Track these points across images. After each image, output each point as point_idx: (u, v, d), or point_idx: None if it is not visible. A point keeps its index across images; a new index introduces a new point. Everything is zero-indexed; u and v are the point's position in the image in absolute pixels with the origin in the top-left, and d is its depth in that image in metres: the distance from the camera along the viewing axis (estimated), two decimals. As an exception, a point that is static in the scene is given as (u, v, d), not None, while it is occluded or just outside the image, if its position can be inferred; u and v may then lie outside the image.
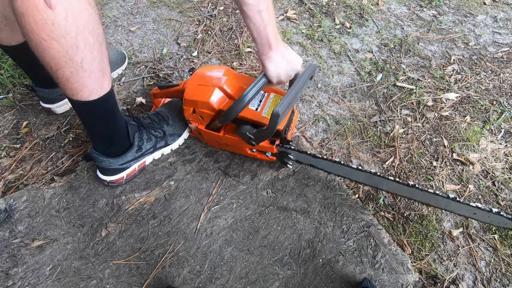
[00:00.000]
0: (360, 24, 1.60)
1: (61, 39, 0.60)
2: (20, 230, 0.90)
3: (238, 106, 0.83)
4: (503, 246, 0.97)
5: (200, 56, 1.43)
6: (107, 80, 0.75)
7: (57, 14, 0.57)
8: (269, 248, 0.90)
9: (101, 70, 0.71)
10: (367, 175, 0.86)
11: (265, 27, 0.78)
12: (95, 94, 0.73)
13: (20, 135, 1.15)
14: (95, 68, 0.69)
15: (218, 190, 1.00)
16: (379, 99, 1.31)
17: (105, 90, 0.75)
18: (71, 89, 0.70)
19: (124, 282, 0.84)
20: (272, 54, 0.82)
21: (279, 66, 0.84)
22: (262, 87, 0.86)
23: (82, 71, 0.67)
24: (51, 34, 0.59)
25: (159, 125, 1.02)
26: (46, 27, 0.58)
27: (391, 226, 1.00)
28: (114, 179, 0.95)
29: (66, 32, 0.60)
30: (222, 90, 0.91)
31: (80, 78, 0.68)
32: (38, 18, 0.57)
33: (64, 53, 0.62)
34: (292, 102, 0.80)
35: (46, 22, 0.57)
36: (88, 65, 0.67)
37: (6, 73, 1.27)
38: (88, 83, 0.70)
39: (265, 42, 0.80)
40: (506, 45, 1.53)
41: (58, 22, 0.58)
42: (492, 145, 1.18)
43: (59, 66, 0.64)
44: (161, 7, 1.62)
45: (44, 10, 0.56)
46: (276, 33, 0.82)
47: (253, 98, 0.84)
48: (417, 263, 0.94)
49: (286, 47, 0.86)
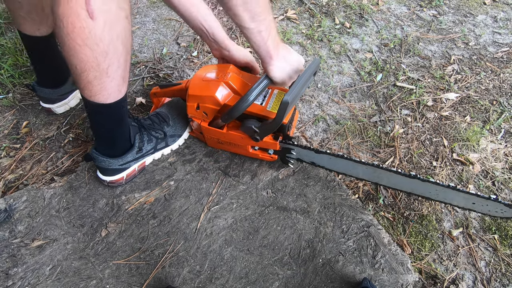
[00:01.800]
0: (360, 24, 1.60)
1: (94, 46, 0.63)
2: (20, 230, 0.90)
3: (242, 105, 0.84)
4: (503, 246, 0.97)
5: (200, 56, 1.43)
6: (125, 86, 0.77)
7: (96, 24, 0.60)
8: (269, 248, 0.90)
9: (123, 77, 0.74)
10: (370, 168, 0.86)
11: (265, 43, 0.80)
12: (112, 98, 0.75)
13: (20, 135, 1.15)
14: (118, 75, 0.72)
15: (218, 190, 1.00)
16: (379, 99, 1.31)
17: (121, 94, 0.77)
18: (91, 90, 0.72)
19: (124, 282, 0.84)
20: (273, 62, 0.84)
21: (282, 70, 0.86)
22: (266, 87, 0.87)
23: (106, 76, 0.69)
24: (86, 41, 0.61)
25: (160, 126, 1.02)
26: (83, 34, 0.60)
27: (391, 226, 1.00)
28: (114, 179, 0.95)
29: (100, 40, 0.63)
30: (227, 85, 0.91)
31: (102, 82, 0.70)
32: (78, 26, 0.59)
33: (93, 59, 0.65)
34: (299, 95, 0.81)
35: (84, 30, 0.60)
36: (113, 71, 0.70)
37: (6, 73, 1.27)
38: (109, 87, 0.72)
39: (265, 54, 0.83)
40: (506, 45, 1.53)
41: (95, 31, 0.61)
42: (492, 145, 1.18)
43: (85, 69, 0.66)
44: (161, 7, 1.62)
45: (85, 19, 0.59)
46: (276, 41, 0.83)
47: (257, 97, 0.85)
48: (417, 263, 0.94)
49: (287, 49, 0.88)
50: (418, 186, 0.83)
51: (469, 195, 0.77)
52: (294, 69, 0.89)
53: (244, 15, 0.73)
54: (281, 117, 0.80)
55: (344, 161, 0.88)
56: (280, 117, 0.80)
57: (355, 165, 0.87)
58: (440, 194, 0.82)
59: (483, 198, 0.76)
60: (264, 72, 0.87)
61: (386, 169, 0.83)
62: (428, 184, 0.80)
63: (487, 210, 0.79)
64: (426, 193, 0.84)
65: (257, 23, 0.75)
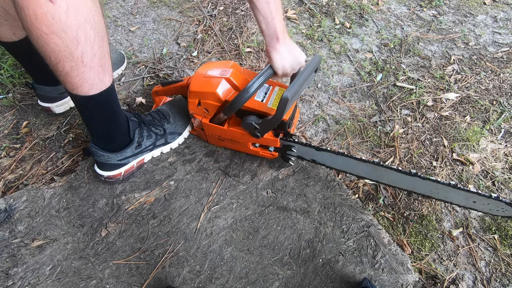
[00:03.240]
0: (360, 24, 1.60)
1: (62, 33, 0.60)
2: (20, 230, 0.90)
3: (244, 96, 0.84)
4: (503, 246, 0.97)
5: (200, 56, 1.43)
6: (108, 75, 0.75)
7: (58, 8, 0.57)
8: (269, 248, 0.90)
9: (101, 65, 0.71)
10: (371, 166, 0.86)
11: (273, 18, 0.81)
12: (95, 89, 0.73)
13: (20, 135, 1.14)
14: (95, 63, 0.69)
15: (218, 190, 1.00)
16: (379, 99, 1.31)
17: (105, 85, 0.75)
18: (71, 83, 0.70)
19: (124, 282, 0.84)
20: (278, 46, 0.85)
21: (285, 58, 0.87)
22: (267, 78, 0.87)
23: (82, 65, 0.67)
24: (51, 27, 0.59)
25: (160, 123, 1.02)
26: (47, 20, 0.58)
27: (391, 226, 1.00)
28: (112, 174, 0.95)
29: (67, 26, 0.60)
30: (228, 82, 0.91)
31: (80, 72, 0.68)
32: (39, 12, 0.56)
33: (64, 47, 0.62)
34: (299, 91, 0.81)
35: (46, 16, 0.57)
36: (88, 59, 0.67)
37: (6, 73, 1.27)
38: (88, 77, 0.70)
39: (272, 33, 0.83)
40: (506, 45, 1.53)
41: (59, 16, 0.58)
42: (492, 145, 1.18)
43: (59, 60, 0.64)
44: (161, 7, 1.62)
45: (45, 3, 0.56)
46: (284, 27, 0.84)
47: (258, 88, 0.85)
48: (417, 263, 0.94)
49: (292, 42, 0.89)
50: (418, 184, 0.83)
51: (470, 194, 0.77)
52: (297, 61, 0.89)
53: None
54: (281, 114, 0.80)
55: (345, 158, 0.88)
56: (280, 114, 0.80)
57: (355, 163, 0.87)
58: (441, 193, 0.82)
59: (484, 197, 0.76)
60: (268, 62, 0.88)
61: (387, 167, 0.83)
62: (428, 182, 0.80)
63: (488, 209, 0.79)
64: (426, 192, 0.84)
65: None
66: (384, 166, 0.83)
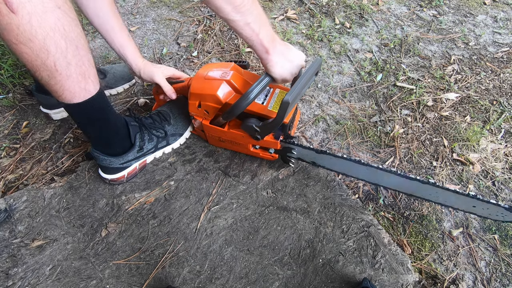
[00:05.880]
0: (360, 24, 1.60)
1: (29, 42, 0.59)
2: (20, 230, 0.90)
3: (243, 103, 0.83)
4: (503, 246, 0.97)
5: (200, 56, 1.43)
6: (91, 83, 0.73)
7: (21, 18, 0.56)
8: (269, 248, 0.90)
9: (81, 74, 0.70)
10: (371, 169, 0.85)
11: (257, 35, 0.77)
12: (78, 98, 0.72)
13: (20, 135, 1.15)
14: (72, 72, 0.68)
15: (218, 190, 1.00)
16: (379, 99, 1.31)
17: (89, 93, 0.73)
18: (53, 91, 0.70)
19: (124, 282, 0.84)
20: (271, 57, 0.81)
21: (281, 67, 0.84)
22: (267, 85, 0.86)
23: (58, 74, 0.66)
24: (18, 38, 0.58)
25: (161, 125, 1.02)
26: (12, 31, 0.57)
27: (391, 226, 1.00)
28: (115, 177, 0.95)
29: (32, 36, 0.59)
30: (229, 84, 0.91)
31: (57, 81, 0.67)
32: (4, 23, 0.56)
33: (35, 57, 0.62)
34: (300, 95, 0.80)
35: (11, 26, 0.57)
36: (63, 69, 0.66)
37: (6, 73, 1.27)
38: (68, 86, 0.69)
39: (260, 48, 0.80)
40: (506, 45, 1.53)
41: (23, 26, 0.57)
42: (492, 145, 1.18)
43: (36, 68, 0.64)
44: (161, 7, 1.62)
45: (7, 14, 0.55)
46: (272, 35, 0.81)
47: (258, 95, 0.85)
48: (417, 263, 0.94)
49: (286, 45, 0.86)
50: (418, 188, 0.83)
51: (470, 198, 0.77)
52: (295, 65, 0.86)
53: (225, 7, 0.71)
54: (282, 117, 0.80)
55: (345, 161, 0.88)
56: (281, 117, 0.80)
57: (355, 165, 0.87)
58: (440, 197, 0.82)
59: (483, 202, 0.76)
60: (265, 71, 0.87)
61: (387, 171, 0.83)
62: (428, 186, 0.80)
63: (488, 214, 0.79)
64: (426, 196, 0.84)
65: (242, 15, 0.73)
66: (384, 169, 0.83)
